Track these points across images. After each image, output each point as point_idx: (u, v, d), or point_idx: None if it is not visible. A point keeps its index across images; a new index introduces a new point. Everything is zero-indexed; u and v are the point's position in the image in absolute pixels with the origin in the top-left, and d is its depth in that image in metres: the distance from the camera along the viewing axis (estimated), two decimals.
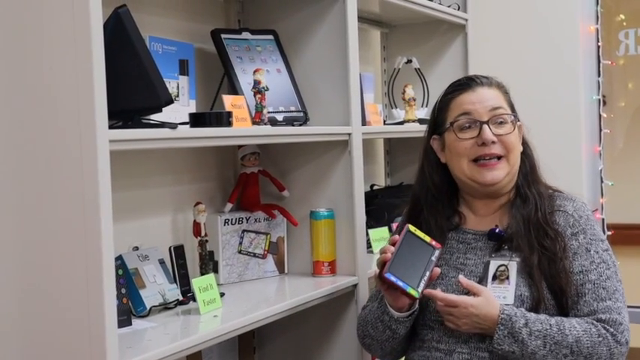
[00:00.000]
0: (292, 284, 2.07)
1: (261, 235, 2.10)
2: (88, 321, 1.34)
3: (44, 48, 1.36)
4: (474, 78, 1.82)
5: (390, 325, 1.72)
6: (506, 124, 1.75)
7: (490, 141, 1.72)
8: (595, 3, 2.87)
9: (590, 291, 1.68)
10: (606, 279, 1.69)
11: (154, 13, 1.95)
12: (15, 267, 1.41)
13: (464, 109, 1.76)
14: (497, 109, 1.75)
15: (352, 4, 2.09)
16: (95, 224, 1.33)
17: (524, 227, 1.72)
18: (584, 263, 1.70)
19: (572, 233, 1.73)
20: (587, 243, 1.72)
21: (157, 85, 1.51)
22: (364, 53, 2.82)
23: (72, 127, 1.34)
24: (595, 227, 1.77)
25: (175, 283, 1.80)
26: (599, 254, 1.72)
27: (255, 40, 2.09)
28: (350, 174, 2.10)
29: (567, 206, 1.77)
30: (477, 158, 1.74)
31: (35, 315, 1.40)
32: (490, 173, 1.74)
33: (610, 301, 1.67)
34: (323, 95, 2.12)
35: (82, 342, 1.35)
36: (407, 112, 2.54)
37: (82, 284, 1.35)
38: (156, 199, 1.96)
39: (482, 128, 1.73)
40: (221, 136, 1.71)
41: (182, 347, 1.52)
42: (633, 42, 3.30)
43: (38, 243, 1.39)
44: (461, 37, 2.80)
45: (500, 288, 1.70)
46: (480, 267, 1.75)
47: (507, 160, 1.74)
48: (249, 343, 2.21)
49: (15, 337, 1.41)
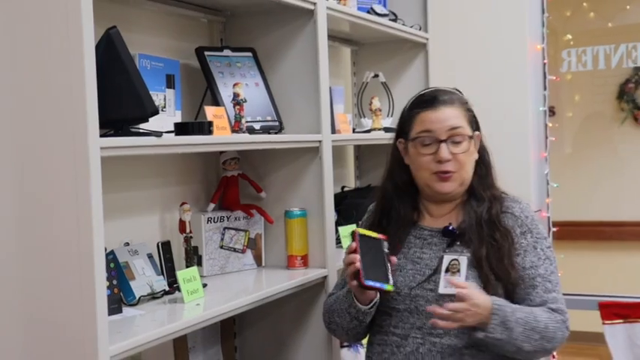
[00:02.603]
0: (269, 276, 2.07)
1: (240, 232, 2.10)
2: (81, 308, 1.34)
3: (43, 65, 1.36)
4: (438, 96, 1.78)
5: (358, 316, 1.72)
6: (463, 143, 1.73)
7: (446, 159, 1.72)
8: (541, 25, 2.86)
9: (540, 284, 1.68)
10: (551, 273, 1.71)
11: (143, 32, 1.94)
12: (16, 261, 1.41)
13: (426, 127, 1.75)
14: (456, 129, 1.73)
15: (322, 25, 2.09)
16: (87, 222, 1.33)
17: (476, 223, 1.73)
18: (533, 259, 1.71)
19: (520, 232, 1.73)
20: (534, 241, 1.73)
21: (143, 98, 1.51)
22: (336, 68, 2.83)
23: (67, 136, 1.34)
24: (539, 227, 1.78)
25: (162, 275, 1.80)
26: (544, 251, 1.73)
27: (235, 57, 2.08)
28: (320, 177, 2.10)
29: (515, 208, 1.76)
30: (434, 172, 1.75)
31: (34, 303, 1.39)
32: (445, 184, 1.75)
33: (555, 293, 1.69)
34: (296, 106, 2.11)
35: (75, 327, 1.35)
36: (374, 121, 2.54)
37: (76, 276, 1.35)
38: (145, 199, 1.95)
39: (440, 147, 1.72)
40: (202, 143, 1.70)
41: (167, 332, 1.52)
42: (575, 60, 3.35)
43: (37, 239, 1.39)
44: (422, 55, 2.80)
45: (452, 279, 1.69)
46: (434, 261, 1.74)
47: (460, 174, 1.74)
48: (230, 329, 2.21)
49: (16, 323, 1.41)
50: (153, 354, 1.86)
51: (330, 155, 2.13)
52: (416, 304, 1.71)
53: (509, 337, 1.60)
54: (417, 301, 1.71)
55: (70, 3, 1.32)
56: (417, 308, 1.71)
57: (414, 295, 1.72)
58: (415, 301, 1.72)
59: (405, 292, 1.73)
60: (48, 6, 1.34)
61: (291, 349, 2.14)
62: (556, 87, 4.42)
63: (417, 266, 1.75)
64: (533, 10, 2.88)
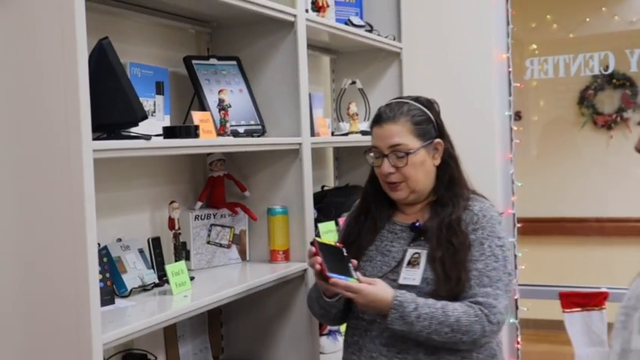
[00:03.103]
0: (252, 269, 2.07)
1: (226, 229, 2.09)
2: (76, 300, 1.35)
3: (40, 73, 1.36)
4: (383, 114, 1.78)
5: (325, 307, 1.78)
6: (407, 157, 1.73)
7: (387, 173, 1.75)
8: (506, 36, 2.87)
9: (475, 277, 1.66)
10: (492, 270, 1.67)
11: (134, 42, 1.94)
12: (15, 256, 1.41)
13: (374, 143, 1.79)
14: (397, 146, 1.73)
15: (302, 35, 2.09)
16: (81, 220, 1.34)
17: (437, 226, 1.72)
18: (475, 254, 1.68)
19: (472, 229, 1.71)
20: (484, 238, 1.70)
21: (133, 104, 1.51)
22: (316, 75, 2.82)
23: (62, 139, 1.34)
24: (495, 226, 1.73)
25: (152, 269, 1.80)
26: (491, 248, 1.69)
27: (220, 65, 2.07)
28: (300, 177, 2.10)
29: (475, 206, 1.75)
30: (385, 182, 1.78)
31: (33, 295, 1.39)
32: (395, 193, 1.78)
33: (490, 288, 1.65)
34: (278, 111, 2.11)
35: (71, 317, 1.36)
36: (351, 125, 2.55)
37: (71, 269, 1.35)
38: (136, 198, 1.94)
39: (383, 161, 1.76)
40: (189, 145, 1.71)
41: (157, 321, 1.53)
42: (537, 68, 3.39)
43: (34, 235, 1.39)
44: (396, 63, 2.80)
45: (412, 271, 1.72)
46: (400, 253, 1.76)
47: (406, 184, 1.75)
48: (217, 319, 2.21)
49: (16, 314, 1.41)
50: (144, 342, 1.86)
51: (309, 157, 2.13)
52: None
53: (411, 330, 1.62)
54: None
55: (65, 16, 1.32)
56: None
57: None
58: None
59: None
60: (45, 18, 1.35)
61: (274, 337, 2.14)
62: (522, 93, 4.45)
63: (385, 258, 1.78)
64: (498, 22, 2.87)
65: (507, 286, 1.68)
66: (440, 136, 1.79)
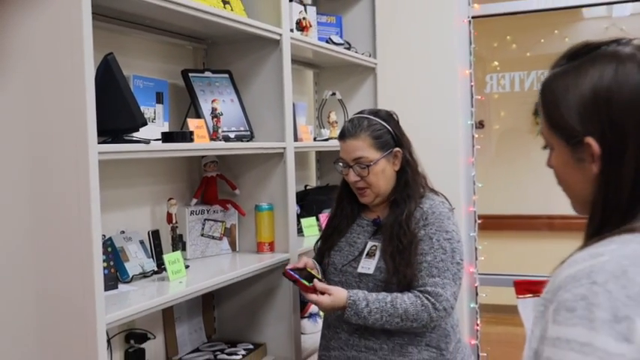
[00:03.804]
0: (241, 259, 2.06)
1: (218, 223, 2.10)
2: (83, 284, 1.35)
3: (52, 85, 1.37)
4: (346, 130, 1.79)
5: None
6: (369, 167, 1.75)
7: (352, 181, 1.78)
8: (469, 54, 2.90)
9: (425, 269, 1.66)
10: (440, 261, 1.66)
11: (137, 57, 1.94)
12: (30, 247, 1.41)
13: (340, 155, 1.82)
14: (359, 159, 1.76)
15: (287, 52, 2.10)
16: (87, 214, 1.34)
17: (390, 224, 1.74)
18: (424, 247, 1.68)
19: (423, 225, 1.71)
20: (432, 233, 1.69)
21: (134, 112, 1.51)
22: (300, 87, 2.83)
23: (71, 143, 1.35)
24: (443, 221, 1.71)
25: (152, 258, 1.80)
26: (439, 242, 1.68)
27: (214, 78, 2.07)
28: (284, 177, 2.11)
29: (425, 204, 1.74)
30: (354, 187, 1.80)
31: (45, 281, 1.40)
32: (363, 197, 1.81)
33: (438, 278, 1.65)
34: (265, 119, 2.11)
35: (78, 300, 1.36)
36: (331, 131, 2.56)
37: (79, 258, 1.35)
38: (138, 195, 1.94)
39: (349, 171, 1.79)
40: (185, 149, 1.71)
41: (155, 304, 1.53)
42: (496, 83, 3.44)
43: (47, 229, 1.39)
44: (372, 77, 2.82)
45: (369, 261, 1.74)
46: (362, 245, 1.79)
47: (371, 189, 1.78)
48: (210, 303, 2.21)
49: (30, 297, 1.42)
50: (145, 323, 1.87)
51: (292, 159, 2.13)
52: (345, 278, 1.78)
53: (366, 323, 1.66)
54: (346, 276, 1.78)
55: (74, 34, 1.33)
56: (346, 281, 1.78)
57: (344, 270, 1.79)
58: (344, 275, 1.78)
59: (339, 268, 1.80)
60: (56, 36, 1.35)
61: (261, 319, 2.16)
62: (486, 104, 4.51)
63: (351, 248, 1.81)
64: (462, 42, 2.91)
65: (455, 275, 1.68)
66: (398, 145, 1.80)
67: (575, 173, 0.87)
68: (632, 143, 0.79)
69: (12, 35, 1.40)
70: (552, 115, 0.86)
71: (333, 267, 1.83)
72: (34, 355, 1.41)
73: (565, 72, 0.85)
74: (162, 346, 2.00)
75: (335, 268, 1.82)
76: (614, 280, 0.74)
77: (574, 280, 0.76)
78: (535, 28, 4.50)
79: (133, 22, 1.85)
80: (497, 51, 4.60)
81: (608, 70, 0.80)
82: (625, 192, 0.81)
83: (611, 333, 0.71)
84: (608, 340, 0.71)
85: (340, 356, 1.78)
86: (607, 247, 0.78)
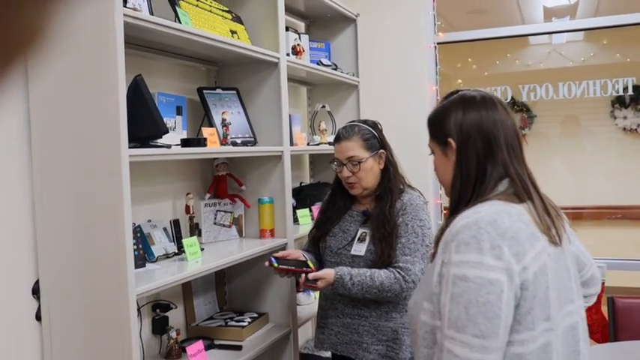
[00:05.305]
0: (247, 243, 2.05)
1: (228, 213, 2.09)
2: (117, 263, 1.38)
3: (91, 101, 1.39)
4: (341, 134, 1.80)
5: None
6: (359, 164, 1.76)
7: (346, 177, 1.78)
8: (435, 73, 2.94)
9: (399, 249, 1.69)
10: (412, 243, 1.68)
11: (161, 77, 1.95)
12: (75, 235, 1.43)
13: (335, 156, 1.82)
14: (351, 157, 1.76)
15: (284, 73, 2.10)
16: (120, 206, 1.36)
17: (377, 214, 1.75)
18: (401, 232, 1.70)
19: (401, 214, 1.72)
20: (408, 220, 1.71)
21: (158, 122, 1.52)
22: (296, 101, 2.82)
23: (106, 148, 1.36)
24: (418, 212, 1.72)
25: (173, 242, 1.81)
26: (413, 228, 1.70)
27: (224, 94, 2.07)
28: (282, 176, 2.10)
29: (405, 197, 1.76)
30: (345, 182, 1.81)
31: (87, 261, 1.42)
32: (352, 190, 1.81)
33: (409, 257, 1.67)
34: (266, 127, 2.11)
35: (114, 275, 1.38)
36: (321, 137, 2.56)
37: (114, 242, 1.37)
38: (162, 191, 1.95)
39: (343, 168, 1.79)
40: (199, 152, 1.71)
41: (176, 279, 1.54)
42: None
43: (88, 219, 1.41)
44: (355, 93, 2.79)
45: (360, 245, 1.76)
46: (354, 232, 1.80)
47: (360, 183, 1.78)
48: (222, 279, 2.21)
49: (76, 272, 1.44)
50: (168, 295, 1.89)
51: (289, 161, 2.13)
52: (340, 259, 1.79)
53: (350, 293, 1.68)
54: (341, 258, 1.79)
55: (110, 58, 1.35)
56: (341, 261, 1.79)
57: (340, 253, 1.79)
58: (339, 257, 1.79)
59: (335, 251, 1.80)
60: (97, 61, 1.37)
61: (264, 293, 2.16)
62: None
63: (344, 234, 1.82)
64: (430, 63, 2.94)
65: (424, 254, 1.70)
66: (382, 148, 1.82)
67: (445, 164, 1.12)
68: (472, 142, 1.08)
69: (61, 65, 1.42)
70: (434, 130, 1.14)
71: (329, 250, 1.83)
72: (81, 316, 1.43)
73: (441, 106, 1.15)
74: (182, 314, 2.01)
75: (331, 250, 1.83)
76: (490, 225, 0.99)
77: (466, 227, 1.00)
78: (491, 52, 4.53)
79: (158, 49, 1.86)
80: (460, 71, 4.63)
81: (462, 105, 1.12)
82: (472, 173, 1.07)
83: (491, 255, 0.97)
84: (489, 259, 0.97)
85: (337, 322, 1.80)
86: (481, 207, 1.03)
